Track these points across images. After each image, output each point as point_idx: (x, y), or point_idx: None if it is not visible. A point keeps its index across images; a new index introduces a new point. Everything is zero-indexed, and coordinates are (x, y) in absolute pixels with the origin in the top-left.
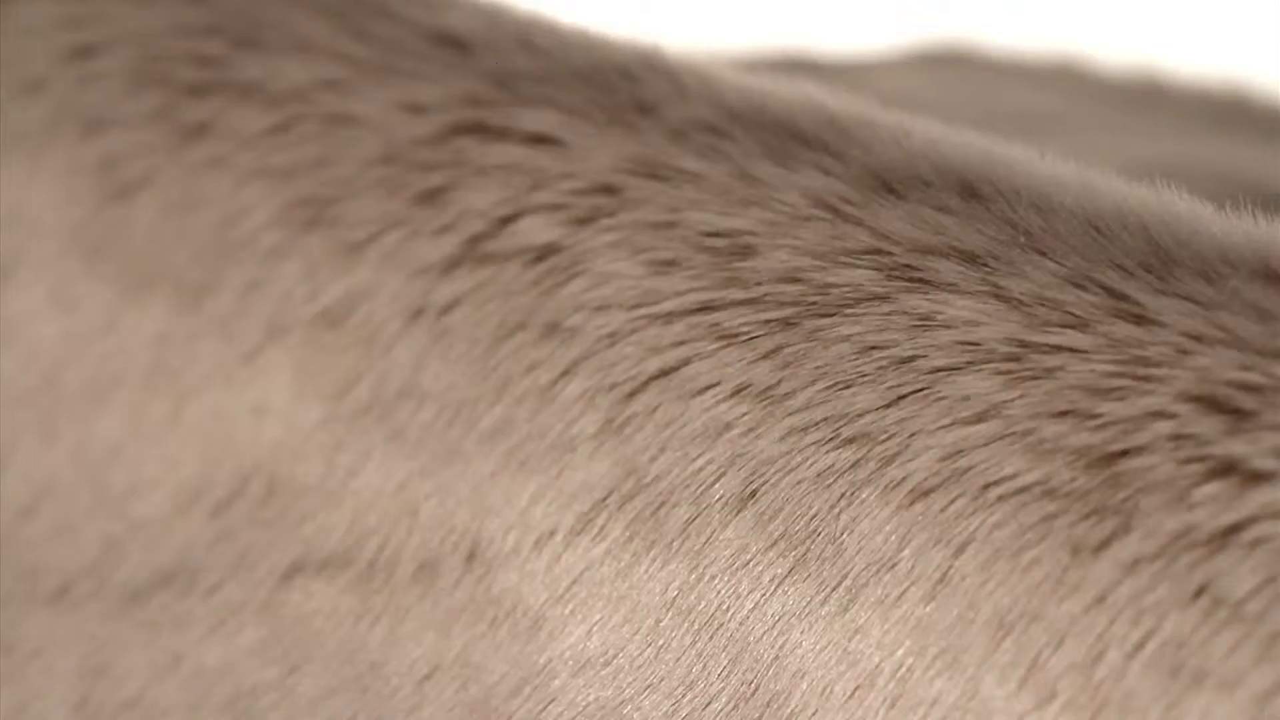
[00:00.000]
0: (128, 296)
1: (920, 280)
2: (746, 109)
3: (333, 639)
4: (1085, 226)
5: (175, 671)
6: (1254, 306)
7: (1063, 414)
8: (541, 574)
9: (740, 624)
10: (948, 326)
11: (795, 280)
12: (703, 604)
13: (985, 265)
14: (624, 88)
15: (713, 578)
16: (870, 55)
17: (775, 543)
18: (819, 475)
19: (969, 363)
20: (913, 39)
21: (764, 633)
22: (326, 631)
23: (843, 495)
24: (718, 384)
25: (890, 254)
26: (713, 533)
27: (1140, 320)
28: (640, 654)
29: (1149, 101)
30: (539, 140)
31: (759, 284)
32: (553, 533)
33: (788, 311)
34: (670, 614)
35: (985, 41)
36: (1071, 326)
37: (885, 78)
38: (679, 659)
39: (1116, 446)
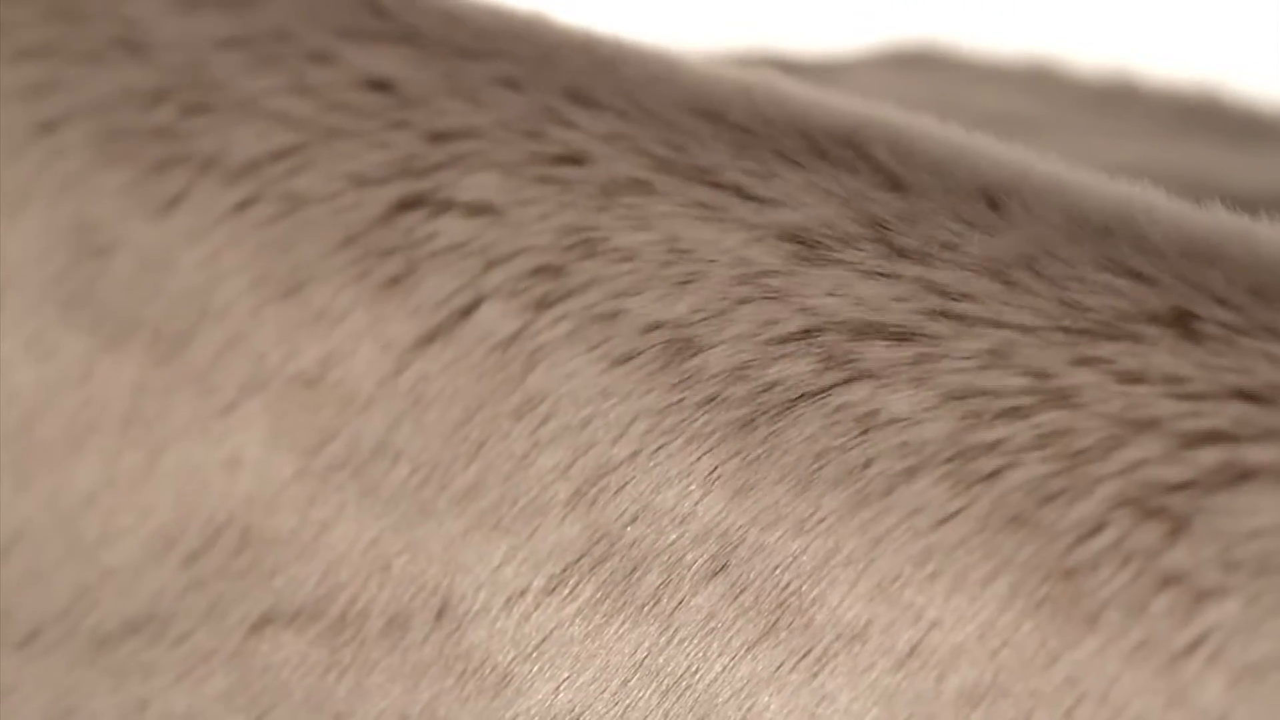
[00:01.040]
0: (104, 347)
1: (856, 368)
2: (673, 155)
3: (300, 689)
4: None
5: (141, 718)
6: (1171, 376)
7: (1014, 521)
8: (511, 632)
9: (708, 686)
10: (892, 422)
11: (743, 378)
12: (671, 665)
13: (915, 343)
14: (554, 133)
15: (683, 640)
16: (842, 55)
17: (746, 611)
18: (791, 556)
19: (916, 467)
20: (885, 39)
21: (731, 695)
22: (294, 682)
23: (813, 572)
24: (688, 475)
25: (822, 336)
26: (684, 598)
27: (1067, 402)
28: (607, 712)
29: (1122, 104)
30: (479, 211)
31: (711, 384)
32: (524, 592)
33: (744, 411)
34: (639, 674)
35: (958, 43)
36: (1006, 418)
37: (857, 78)
38: (645, 718)
39: (1071, 561)
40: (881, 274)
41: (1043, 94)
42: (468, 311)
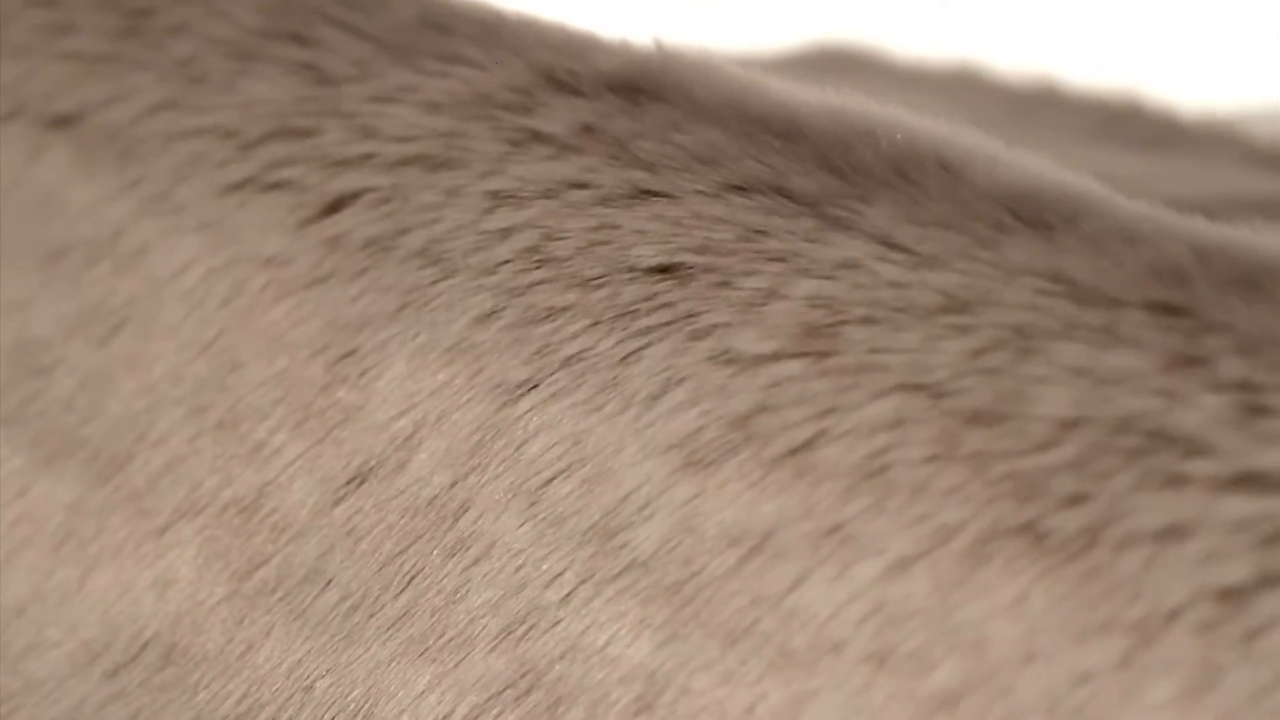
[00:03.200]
0: (41, 465)
1: (759, 551)
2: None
3: None
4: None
5: None
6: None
7: None
8: None
9: None
10: (806, 613)
11: (669, 554)
12: None
13: (837, 535)
14: (428, 273)
15: None
16: (764, 57)
17: None
18: (717, 702)
19: (815, 646)
20: (806, 41)
21: None
22: None
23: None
24: (618, 620)
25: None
26: None
27: None
28: None
29: (1044, 109)
30: (408, 376)
31: (639, 558)
32: (446, 719)
33: (675, 578)
34: None
35: (880, 46)
36: None
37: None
38: None
39: None
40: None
41: (965, 98)
42: (400, 466)
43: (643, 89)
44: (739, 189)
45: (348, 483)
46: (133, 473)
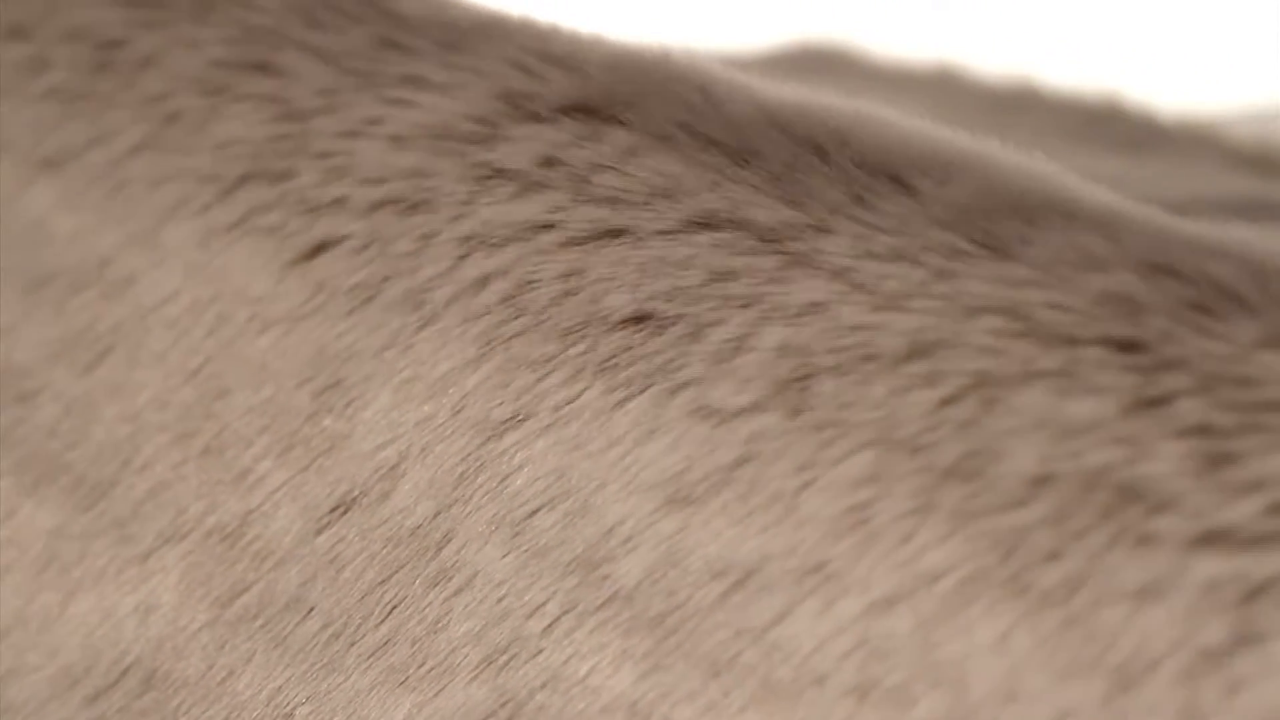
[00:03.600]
0: (25, 491)
1: (743, 585)
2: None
3: None
4: None
5: None
6: None
7: None
8: None
9: None
10: (789, 646)
11: (653, 587)
12: None
13: (822, 573)
14: (412, 319)
15: None
16: (743, 57)
17: None
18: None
19: (798, 678)
20: (787, 41)
21: None
22: None
23: None
24: (600, 651)
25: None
26: None
27: None
28: None
29: (1024, 109)
30: (394, 406)
31: (622, 589)
32: None
33: (658, 610)
34: None
35: (860, 46)
36: None
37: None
38: None
39: None
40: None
41: (945, 98)
42: (384, 496)
43: (598, 112)
44: (699, 225)
45: (331, 511)
46: (116, 498)
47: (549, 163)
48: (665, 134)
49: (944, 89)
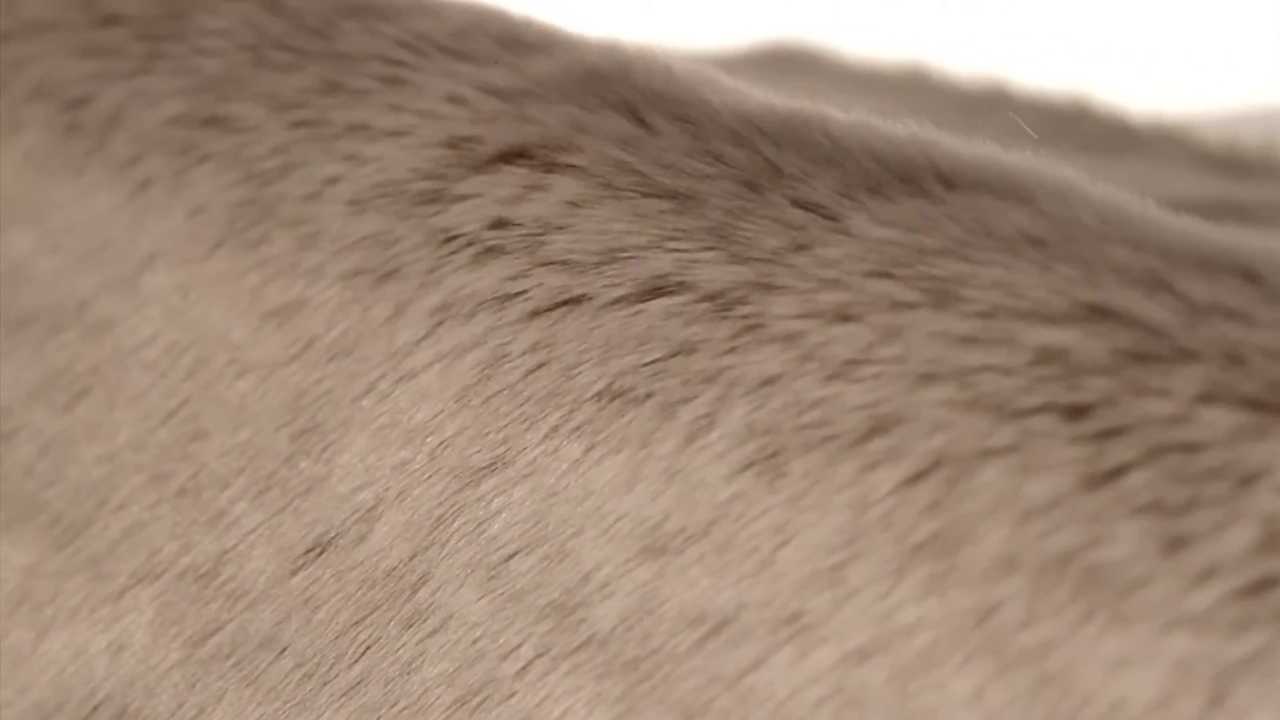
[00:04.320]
0: (1, 528)
1: (718, 632)
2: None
3: None
4: None
5: None
6: None
7: None
8: None
9: None
10: (764, 693)
11: (627, 632)
12: None
13: (797, 623)
14: (390, 376)
15: None
16: (714, 55)
17: None
18: None
19: None
20: (756, 40)
21: None
22: None
23: None
24: (574, 693)
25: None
26: None
27: None
28: None
29: (993, 110)
30: (371, 451)
31: (597, 634)
32: None
33: (631, 655)
34: None
35: (831, 45)
36: None
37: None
38: None
39: None
40: None
41: (915, 98)
42: (360, 538)
43: (536, 157)
44: (652, 291)
45: (307, 552)
46: (92, 537)
47: (500, 224)
48: (605, 180)
49: (914, 89)
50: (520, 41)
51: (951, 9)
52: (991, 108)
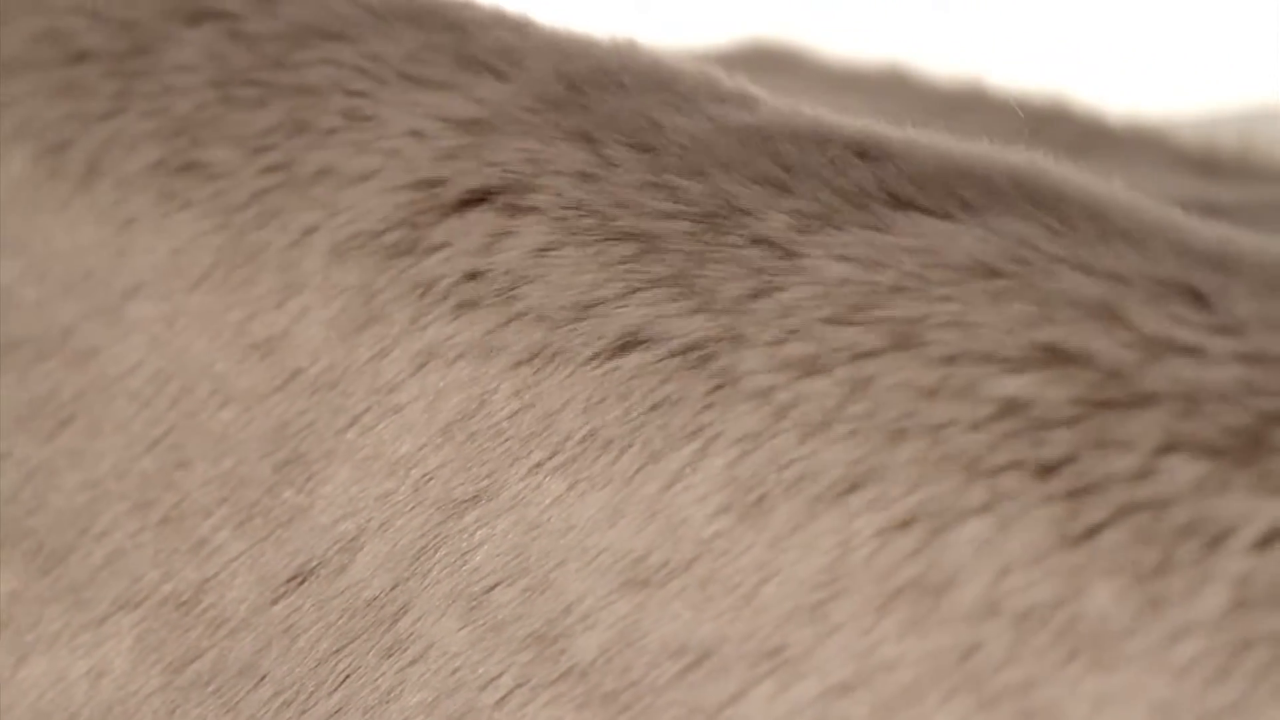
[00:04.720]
0: None
1: (698, 665)
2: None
3: None
4: None
5: None
6: None
7: None
8: None
9: None
10: None
11: (608, 664)
12: None
13: (779, 657)
14: (374, 411)
15: None
16: (689, 53)
17: None
18: None
19: None
20: (735, 39)
21: None
22: None
23: None
24: None
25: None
26: None
27: None
28: None
29: (972, 110)
30: (353, 482)
31: (577, 665)
32: None
33: (612, 687)
34: None
35: (809, 45)
36: None
37: None
38: None
39: None
40: None
41: (893, 98)
42: (341, 568)
43: (497, 200)
44: (625, 346)
45: (288, 581)
46: (74, 564)
47: (473, 276)
48: (567, 224)
49: (893, 89)
50: (475, 61)
51: (930, 10)
52: (969, 108)
